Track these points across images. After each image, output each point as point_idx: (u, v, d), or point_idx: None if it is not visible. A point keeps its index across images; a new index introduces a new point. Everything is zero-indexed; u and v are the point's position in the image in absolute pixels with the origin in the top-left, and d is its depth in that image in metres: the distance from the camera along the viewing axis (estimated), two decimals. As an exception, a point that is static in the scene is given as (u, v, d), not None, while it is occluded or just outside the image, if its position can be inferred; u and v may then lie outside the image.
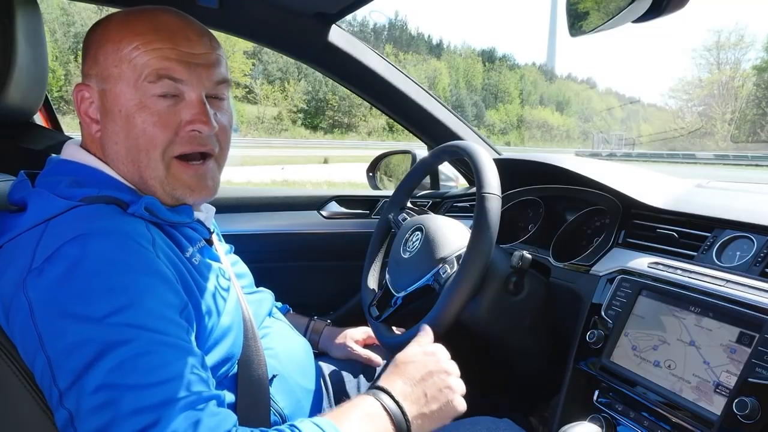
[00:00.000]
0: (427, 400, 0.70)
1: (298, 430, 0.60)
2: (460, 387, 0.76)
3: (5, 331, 0.61)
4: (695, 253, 0.89)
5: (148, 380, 0.54)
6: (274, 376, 0.80)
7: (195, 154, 0.74)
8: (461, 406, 0.74)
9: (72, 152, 0.74)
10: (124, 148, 0.71)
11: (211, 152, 0.75)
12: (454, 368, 0.77)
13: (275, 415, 0.79)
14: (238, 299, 0.79)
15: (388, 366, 0.75)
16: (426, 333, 0.82)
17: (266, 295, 0.97)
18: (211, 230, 0.85)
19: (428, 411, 0.70)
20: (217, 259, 0.80)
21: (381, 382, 0.71)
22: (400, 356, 0.76)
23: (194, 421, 0.54)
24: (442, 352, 0.78)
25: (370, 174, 1.91)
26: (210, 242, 0.81)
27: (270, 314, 0.95)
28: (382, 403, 0.66)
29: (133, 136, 0.70)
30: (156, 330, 0.57)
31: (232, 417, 0.59)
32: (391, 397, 0.68)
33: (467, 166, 1.30)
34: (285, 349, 0.88)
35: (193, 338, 0.64)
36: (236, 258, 0.96)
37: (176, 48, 0.70)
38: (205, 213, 0.84)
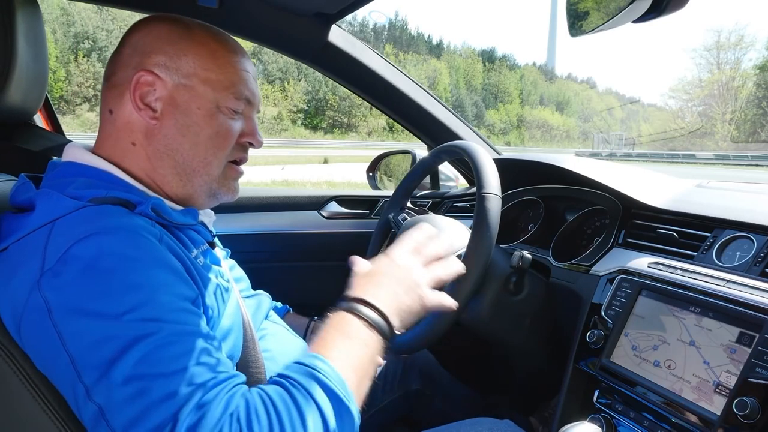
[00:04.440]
0: (397, 296, 0.71)
1: (295, 382, 0.59)
2: (428, 277, 0.76)
3: (11, 332, 0.61)
4: (695, 253, 0.89)
5: (174, 367, 0.56)
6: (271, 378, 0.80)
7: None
8: (431, 297, 0.74)
9: (77, 154, 0.74)
10: (189, 143, 0.74)
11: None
12: (417, 261, 0.76)
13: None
14: (238, 303, 0.80)
15: (352, 280, 0.75)
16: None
17: (264, 298, 0.97)
18: (213, 234, 0.85)
19: (402, 306, 0.71)
20: (218, 263, 0.80)
21: (351, 293, 0.71)
22: (365, 268, 0.76)
23: (227, 399, 0.56)
24: (402, 252, 0.78)
25: (370, 174, 1.91)
26: (212, 245, 0.82)
27: (266, 317, 0.95)
28: (358, 314, 0.66)
29: (205, 134, 0.74)
30: (175, 321, 0.59)
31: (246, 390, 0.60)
32: (365, 303, 0.68)
33: (467, 166, 1.30)
34: (282, 351, 0.88)
35: (206, 324, 0.66)
36: (233, 262, 0.97)
37: (250, 72, 0.79)
38: (208, 217, 0.85)
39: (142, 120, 0.73)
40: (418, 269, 0.76)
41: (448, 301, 0.77)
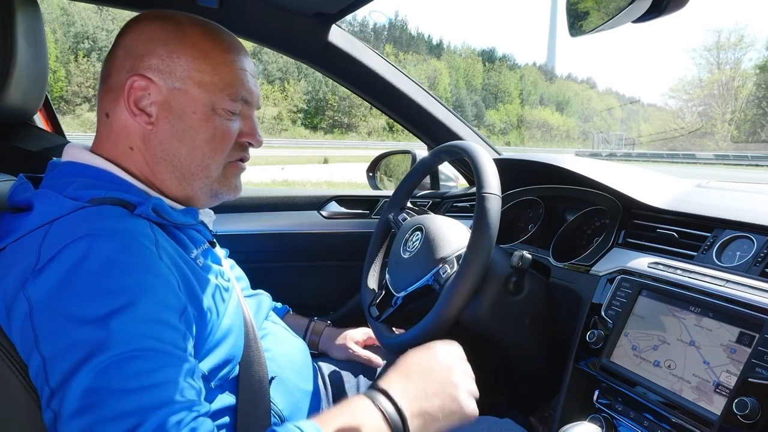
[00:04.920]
0: (427, 396, 0.65)
1: None
2: (467, 385, 0.69)
3: (5, 330, 0.60)
4: (695, 253, 0.89)
5: (132, 385, 0.53)
6: (272, 378, 0.81)
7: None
8: (469, 405, 0.68)
9: (77, 154, 0.73)
10: (186, 147, 0.73)
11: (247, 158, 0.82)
12: (460, 365, 0.71)
13: (274, 417, 0.79)
14: (239, 302, 0.80)
15: (389, 368, 0.71)
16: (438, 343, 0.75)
17: (264, 298, 0.97)
18: (213, 234, 0.85)
19: (429, 408, 0.64)
20: (218, 262, 0.80)
21: (378, 382, 0.66)
22: (402, 356, 0.71)
23: (177, 428, 0.53)
24: (446, 350, 0.72)
25: (370, 174, 1.91)
26: (213, 244, 0.82)
27: (266, 317, 0.95)
28: (374, 401, 0.62)
29: (201, 138, 0.73)
30: (149, 335, 0.57)
31: (209, 425, 0.57)
32: (386, 395, 0.63)
33: (467, 166, 1.30)
34: (282, 351, 0.88)
35: (190, 344, 0.63)
36: (233, 261, 0.97)
37: (247, 70, 0.76)
38: (208, 216, 0.84)
39: (138, 125, 0.72)
40: (459, 371, 0.70)
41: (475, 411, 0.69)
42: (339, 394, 1.05)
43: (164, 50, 0.72)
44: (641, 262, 0.93)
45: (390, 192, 1.63)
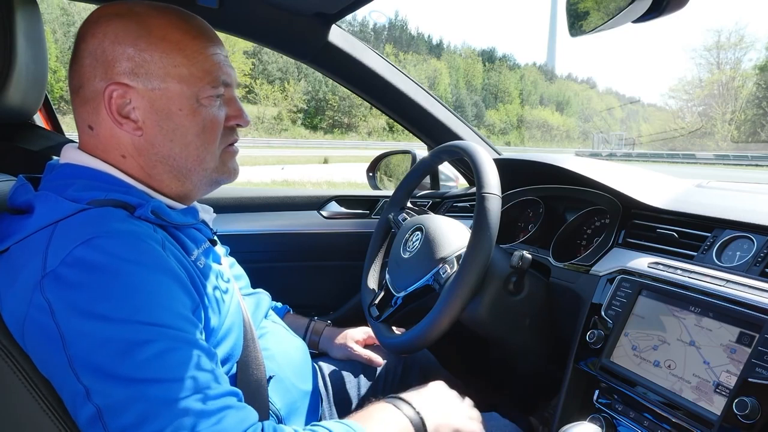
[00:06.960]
0: (444, 415, 0.80)
1: (329, 430, 0.66)
2: (472, 415, 0.85)
3: (14, 334, 0.61)
4: (695, 253, 0.89)
5: (175, 375, 0.57)
6: (270, 377, 0.81)
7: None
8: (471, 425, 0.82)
9: (75, 156, 0.73)
10: (179, 146, 0.72)
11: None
12: (473, 411, 0.86)
13: (272, 416, 0.80)
14: (239, 301, 0.80)
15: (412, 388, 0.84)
16: None
17: (263, 297, 0.97)
18: (214, 231, 0.85)
19: (443, 421, 0.78)
20: (219, 261, 0.80)
21: (401, 394, 0.80)
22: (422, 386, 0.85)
23: (223, 412, 0.57)
24: (451, 393, 0.87)
25: (370, 174, 1.91)
26: (213, 242, 0.82)
27: (266, 316, 0.95)
28: (400, 409, 0.76)
29: (193, 133, 0.72)
30: (176, 327, 0.59)
31: (255, 413, 0.62)
32: (410, 405, 0.77)
33: (467, 166, 1.30)
34: (281, 350, 0.88)
35: (203, 334, 0.66)
36: (232, 260, 0.97)
37: (221, 53, 0.74)
38: (208, 214, 0.84)
39: (125, 133, 0.70)
40: (466, 407, 0.86)
41: None
42: (339, 394, 1.05)
43: (134, 51, 0.68)
44: (641, 262, 0.93)
45: (390, 192, 1.63)
